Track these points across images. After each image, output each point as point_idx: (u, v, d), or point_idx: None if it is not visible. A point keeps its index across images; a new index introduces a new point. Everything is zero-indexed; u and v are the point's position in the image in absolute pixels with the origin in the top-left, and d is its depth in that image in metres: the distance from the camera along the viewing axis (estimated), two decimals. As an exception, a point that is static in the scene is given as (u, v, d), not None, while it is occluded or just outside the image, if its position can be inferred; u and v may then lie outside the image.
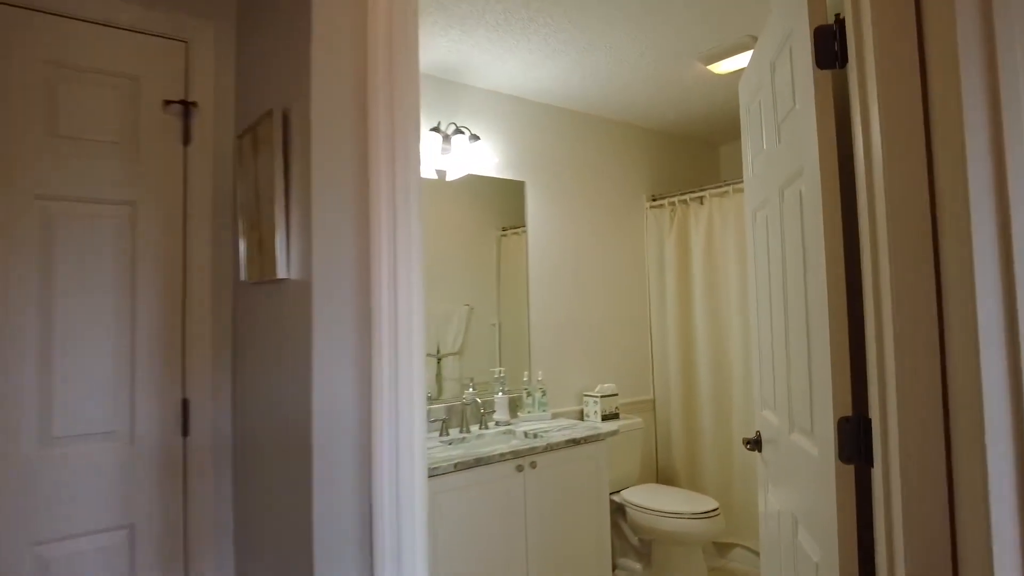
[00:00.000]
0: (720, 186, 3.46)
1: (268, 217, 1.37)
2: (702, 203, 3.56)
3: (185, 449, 1.63)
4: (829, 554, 1.23)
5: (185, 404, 1.64)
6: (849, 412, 1.18)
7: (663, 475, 3.71)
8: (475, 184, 3.07)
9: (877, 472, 1.09)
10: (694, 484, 3.55)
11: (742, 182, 3.34)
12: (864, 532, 1.18)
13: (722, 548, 3.44)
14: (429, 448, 2.43)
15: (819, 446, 1.27)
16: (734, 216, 3.36)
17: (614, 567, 3.25)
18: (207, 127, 1.70)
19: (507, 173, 3.20)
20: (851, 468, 1.17)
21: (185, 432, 1.64)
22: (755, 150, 1.86)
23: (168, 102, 1.64)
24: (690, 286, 3.62)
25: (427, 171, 2.86)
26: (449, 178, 2.96)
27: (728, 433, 3.42)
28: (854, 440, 1.16)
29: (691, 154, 4.16)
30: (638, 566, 3.14)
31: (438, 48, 2.65)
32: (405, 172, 1.23)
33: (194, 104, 1.67)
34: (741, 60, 2.76)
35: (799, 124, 1.34)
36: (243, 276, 1.58)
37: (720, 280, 3.47)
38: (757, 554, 3.29)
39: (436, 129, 2.79)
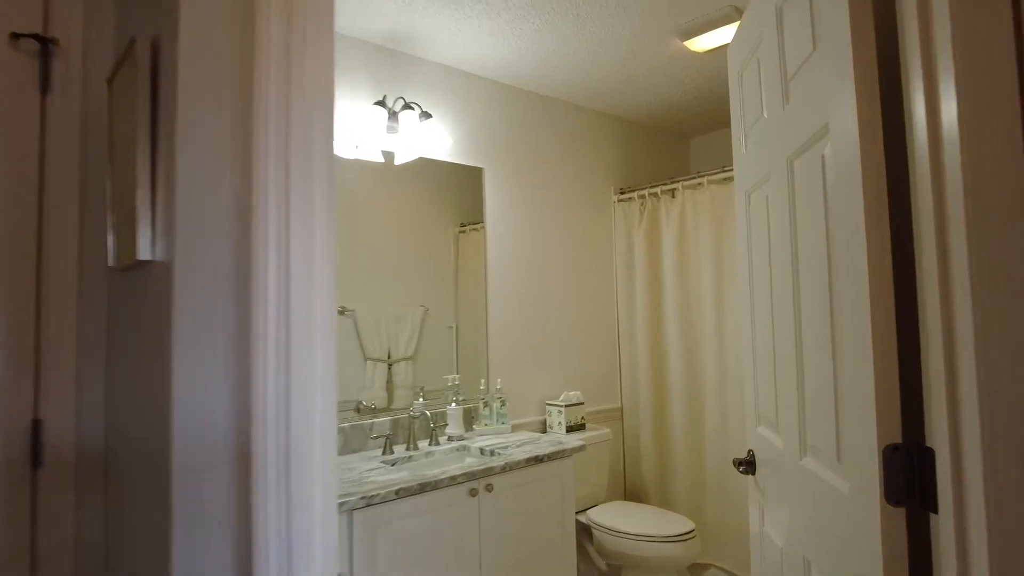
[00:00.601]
0: (693, 178, 3.21)
1: (131, 182, 1.02)
2: (674, 196, 3.30)
3: (35, 483, 1.26)
4: (867, 622, 0.95)
5: (36, 426, 1.27)
6: (898, 439, 0.89)
7: (632, 490, 3.44)
8: (429, 172, 2.75)
9: (945, 522, 0.81)
10: (665, 500, 3.28)
11: (717, 172, 3.10)
12: (917, 596, 0.90)
13: (695, 568, 3.18)
14: (368, 470, 2.09)
15: (851, 480, 0.99)
16: (708, 210, 3.11)
17: (579, 594, 2.95)
18: (73, 72, 1.33)
19: (463, 158, 2.88)
20: (902, 512, 0.89)
21: (36, 462, 1.27)
22: (750, 122, 1.59)
23: (17, 35, 1.27)
24: (661, 285, 3.36)
25: (371, 152, 2.52)
26: (398, 161, 2.63)
27: (701, 443, 3.16)
28: (906, 476, 0.88)
29: (661, 146, 3.91)
30: (605, 593, 2.85)
31: (383, 13, 2.32)
32: (306, 128, 0.90)
33: (54, 41, 1.31)
34: (722, 35, 2.50)
35: (822, 70, 1.06)
36: (111, 260, 1.22)
37: (693, 279, 3.22)
38: (732, 575, 3.04)
39: (381, 103, 2.45)
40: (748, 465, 1.62)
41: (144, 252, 0.97)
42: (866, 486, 0.93)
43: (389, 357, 2.61)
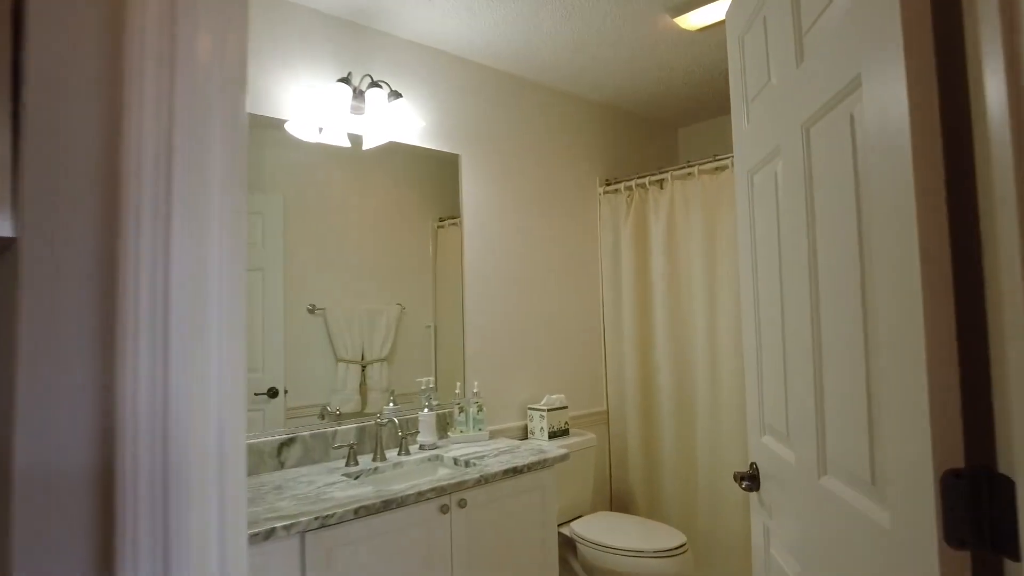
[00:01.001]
0: (683, 167, 3.02)
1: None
2: (662, 187, 3.12)
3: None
4: None
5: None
6: (960, 463, 0.71)
7: (618, 499, 3.25)
8: (403, 160, 2.54)
9: (1030, 574, 0.62)
10: (654, 510, 3.09)
11: (709, 161, 2.92)
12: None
13: (685, 582, 3.00)
14: (328, 484, 1.88)
15: (893, 511, 0.80)
16: (700, 202, 2.93)
17: (562, 611, 2.75)
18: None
19: (438, 143, 2.67)
20: (965, 556, 0.70)
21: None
22: (753, 91, 1.40)
23: None
24: (649, 282, 3.17)
25: (337, 135, 2.31)
26: (367, 145, 2.41)
27: (691, 449, 2.98)
28: (971, 511, 0.69)
29: (649, 136, 3.73)
30: (591, 610, 2.66)
31: (347, -23, 2.11)
32: (198, 71, 0.70)
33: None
34: (715, 10, 2.32)
35: (853, 12, 0.87)
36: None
37: (683, 275, 3.04)
38: (726, 590, 2.85)
39: (345, 80, 2.24)
40: (751, 480, 1.44)
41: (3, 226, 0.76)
42: (916, 520, 0.74)
43: (363, 358, 2.40)
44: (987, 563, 0.69)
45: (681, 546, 2.38)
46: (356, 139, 2.39)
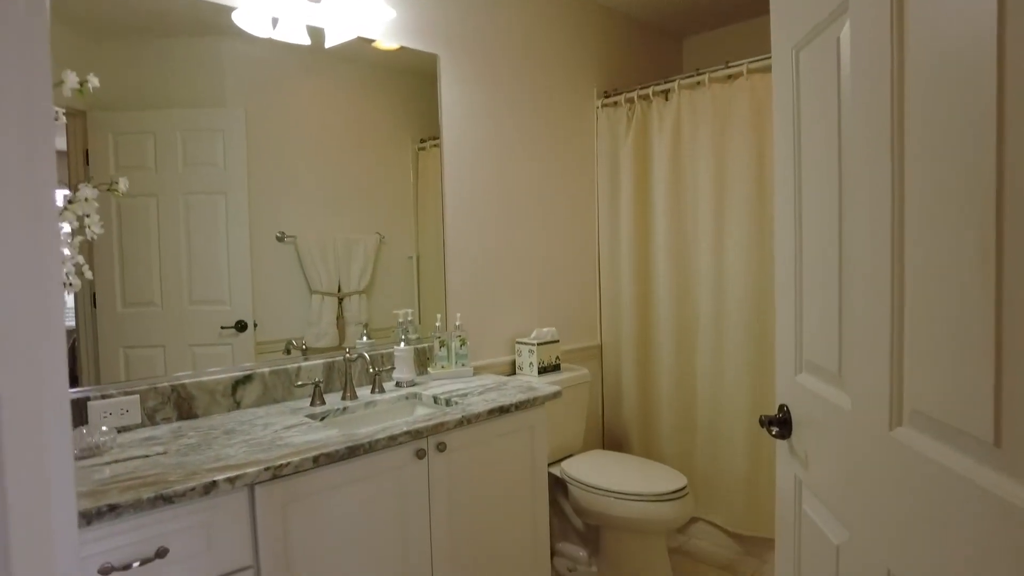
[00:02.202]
0: (691, 75, 2.69)
1: None
2: (667, 99, 2.79)
3: None
4: None
5: None
6: None
7: (612, 438, 3.07)
8: (376, 70, 2.20)
9: None
10: (650, 449, 2.92)
11: (721, 68, 2.59)
12: None
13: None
14: (287, 427, 1.65)
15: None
16: (709, 115, 2.62)
17: (552, 554, 2.61)
18: None
19: (412, 40, 2.32)
20: None
21: None
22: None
23: None
24: (650, 206, 2.89)
25: (294, 31, 1.95)
26: (329, 42, 2.07)
27: (691, 384, 2.78)
28: None
29: (650, 45, 3.36)
30: (582, 553, 2.51)
31: None
32: None
33: None
34: None
35: None
36: None
37: (688, 198, 2.76)
38: (725, 531, 2.72)
39: (299, -45, 1.87)
40: (781, 425, 1.21)
41: None
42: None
43: (339, 291, 2.14)
44: None
45: (682, 489, 2.20)
46: (317, 34, 2.04)
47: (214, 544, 1.30)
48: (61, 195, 1.52)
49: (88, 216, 1.55)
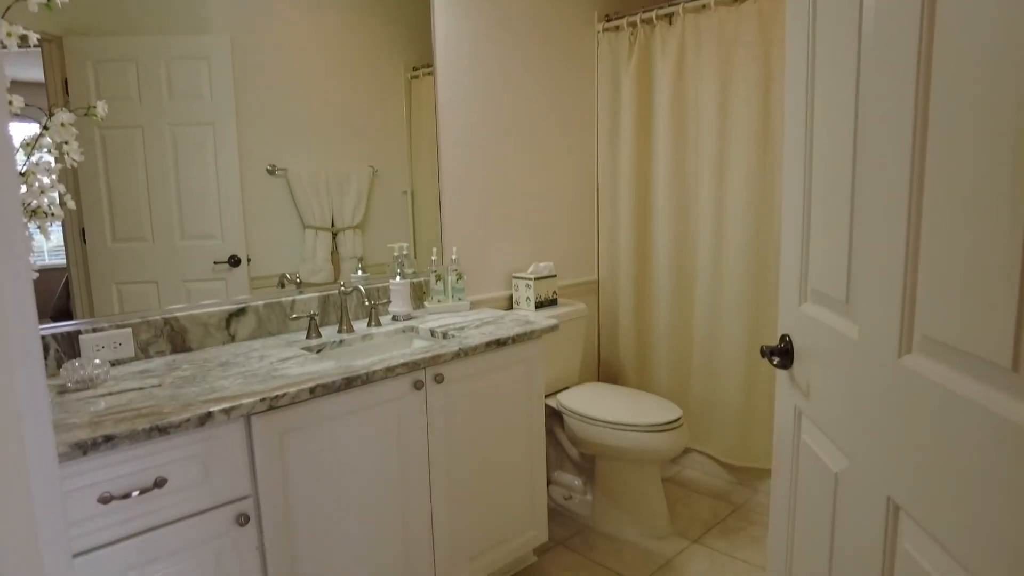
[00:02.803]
0: (698, -3, 2.56)
1: None
2: (671, 23, 2.67)
3: None
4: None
5: None
6: None
7: (607, 371, 3.09)
8: (357, -27, 2.07)
9: None
10: (645, 382, 2.94)
11: (730, -11, 2.46)
12: None
13: (674, 452, 2.92)
14: (283, 360, 1.64)
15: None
16: (716, 40, 2.51)
17: (548, 482, 2.67)
18: None
19: (404, -43, 2.19)
20: None
21: None
22: None
23: None
24: (651, 137, 2.81)
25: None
26: (312, -45, 1.94)
27: (688, 319, 2.78)
28: None
29: (655, -35, 3.19)
30: (578, 481, 2.57)
31: None
32: None
33: None
34: None
35: None
36: None
37: (691, 127, 2.67)
38: (718, 462, 2.78)
39: None
40: (782, 355, 1.20)
41: None
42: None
43: (333, 225, 2.09)
44: None
45: (676, 420, 2.22)
46: (301, -55, 1.91)
47: (211, 474, 1.30)
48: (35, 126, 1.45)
49: (67, 143, 1.48)
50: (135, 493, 1.19)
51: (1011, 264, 0.58)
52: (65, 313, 1.59)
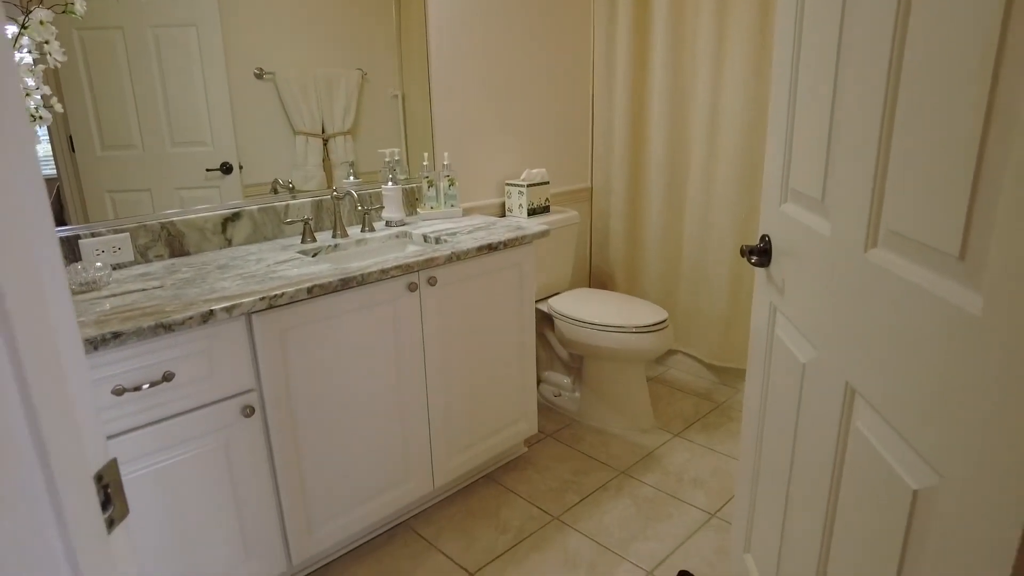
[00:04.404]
0: None
1: None
2: (672, -88, 2.53)
3: None
4: (975, 502, 0.62)
5: None
6: None
7: (598, 277, 3.16)
8: None
9: None
10: (634, 287, 3.02)
11: None
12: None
13: (662, 355, 3.04)
14: (280, 262, 1.68)
15: (990, 295, 0.59)
16: (717, -71, 2.39)
17: (538, 381, 2.79)
18: None
19: None
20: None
21: None
22: None
23: None
24: (648, 39, 2.73)
25: None
26: None
27: (678, 226, 2.82)
28: None
29: None
30: (567, 380, 2.69)
31: None
32: None
33: None
34: None
35: None
36: None
37: (688, 29, 2.59)
38: (702, 363, 2.90)
39: None
40: (761, 255, 1.24)
41: None
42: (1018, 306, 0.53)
43: (323, 131, 2.07)
44: None
45: (662, 322, 2.31)
46: None
47: (217, 369, 1.38)
48: (11, 26, 1.41)
49: (47, 43, 1.45)
50: (145, 386, 1.27)
51: (966, 161, 0.62)
52: (59, 223, 1.61)
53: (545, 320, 2.60)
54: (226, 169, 1.87)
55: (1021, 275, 0.54)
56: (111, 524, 0.51)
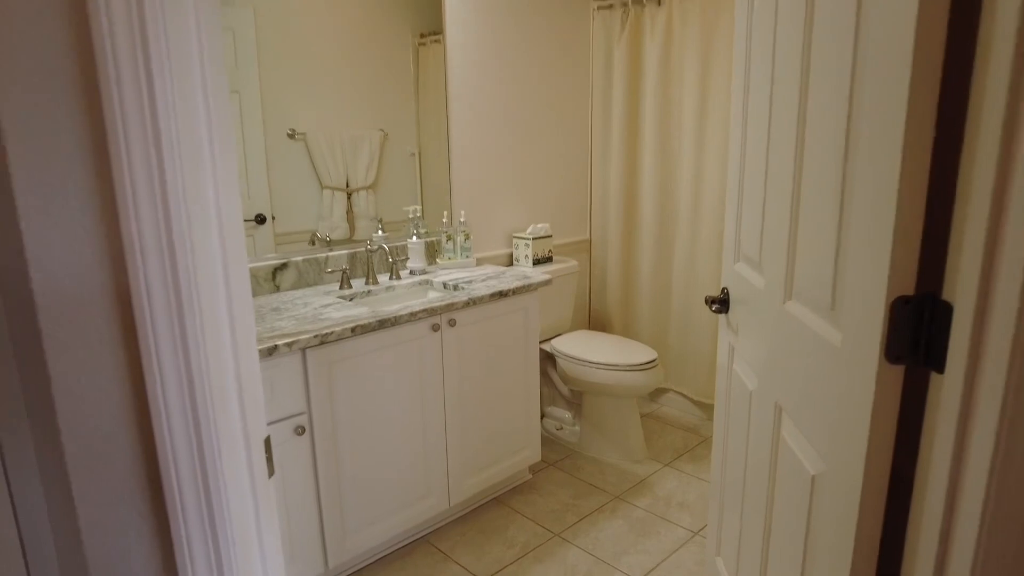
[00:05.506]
0: (684, -18, 2.81)
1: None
2: (660, 4, 2.92)
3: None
4: (841, 475, 0.90)
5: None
6: (911, 291, 0.77)
7: (596, 321, 3.46)
8: (375, -37, 2.32)
9: (951, 383, 0.71)
10: (629, 330, 3.31)
11: (712, -24, 2.71)
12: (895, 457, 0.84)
13: (654, 393, 3.31)
14: (325, 306, 1.98)
15: (845, 333, 0.89)
16: (699, 22, 2.77)
17: (542, 416, 3.06)
18: None
19: (418, -51, 2.44)
20: (900, 371, 0.80)
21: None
22: None
23: None
24: (640, 108, 3.09)
25: (305, -63, 2.09)
26: (338, -49, 2.20)
27: (668, 275, 3.13)
28: (912, 332, 0.77)
29: (649, -57, 3.40)
30: (568, 415, 2.95)
31: None
32: None
33: None
34: None
35: None
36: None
37: (675, 101, 2.96)
38: (691, 400, 3.16)
39: None
40: (721, 303, 1.54)
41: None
42: (863, 339, 0.83)
43: (348, 186, 2.40)
44: (916, 377, 0.79)
45: (651, 361, 2.59)
46: (328, -58, 2.17)
47: (276, 394, 1.67)
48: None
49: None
50: (222, 406, 1.55)
51: (834, 242, 0.92)
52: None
53: (548, 359, 2.89)
54: (260, 220, 2.17)
55: (858, 319, 0.84)
56: (271, 473, 0.80)
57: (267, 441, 0.80)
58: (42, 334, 0.67)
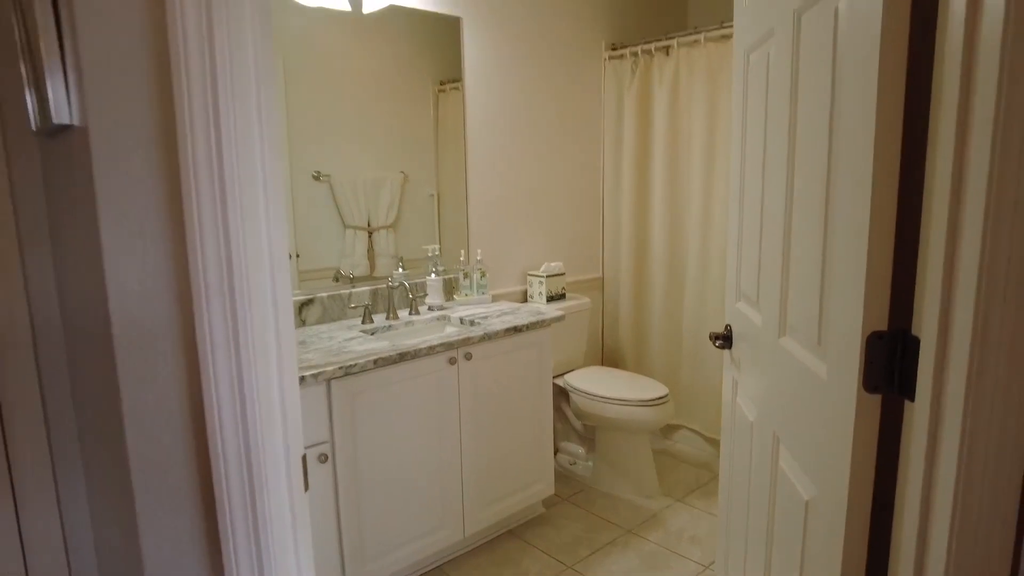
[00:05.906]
0: (690, 34, 2.96)
1: (32, 22, 0.88)
2: (668, 54, 3.07)
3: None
4: (829, 498, 0.97)
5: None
6: (884, 327, 0.86)
7: (609, 357, 3.53)
8: (403, 23, 2.50)
9: (920, 409, 0.79)
10: (641, 366, 3.37)
11: (715, 29, 2.86)
12: (879, 478, 0.91)
13: (667, 429, 3.35)
14: (348, 339, 2.09)
15: (829, 366, 0.97)
16: (704, 71, 2.91)
17: (556, 451, 3.11)
18: None
19: (439, 5, 2.61)
20: (878, 400, 0.88)
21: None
22: (757, -33, 1.40)
23: None
24: (649, 151, 3.22)
25: (336, -1, 2.26)
26: (367, 8, 2.37)
27: (678, 312, 3.20)
28: (887, 364, 0.85)
29: (656, 1, 3.59)
30: (581, 450, 3.01)
31: None
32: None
33: None
34: None
35: (849, -98, 0.90)
36: (33, 123, 1.09)
37: (683, 145, 3.08)
38: (703, 437, 3.20)
39: (344, -60, 2.16)
40: (725, 339, 1.62)
41: (61, 114, 0.85)
42: (844, 371, 0.91)
43: (369, 225, 2.53)
44: (893, 405, 0.87)
45: (663, 397, 2.65)
46: (356, 1, 2.35)
47: (303, 423, 1.76)
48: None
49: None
50: (251, 434, 1.65)
51: (818, 286, 1.01)
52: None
53: (562, 394, 2.96)
54: (291, 259, 2.31)
55: (840, 353, 0.93)
56: (307, 487, 0.89)
57: (304, 458, 0.89)
58: (116, 363, 0.77)
